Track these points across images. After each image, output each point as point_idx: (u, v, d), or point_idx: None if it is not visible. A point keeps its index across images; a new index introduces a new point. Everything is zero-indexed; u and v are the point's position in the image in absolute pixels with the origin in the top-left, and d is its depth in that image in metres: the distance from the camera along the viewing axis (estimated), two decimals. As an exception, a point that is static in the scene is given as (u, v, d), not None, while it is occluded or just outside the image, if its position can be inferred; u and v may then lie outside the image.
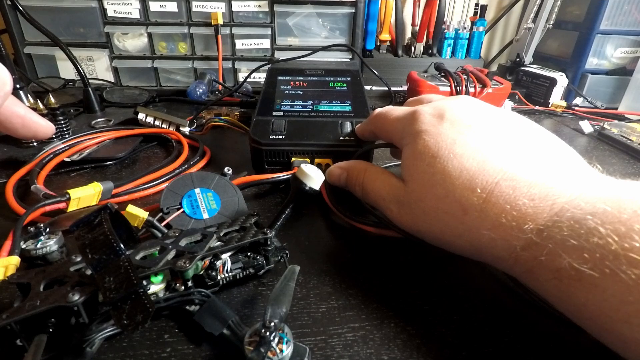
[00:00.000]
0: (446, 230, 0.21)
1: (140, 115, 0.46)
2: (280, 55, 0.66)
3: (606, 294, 0.15)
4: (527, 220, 0.18)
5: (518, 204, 0.18)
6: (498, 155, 0.20)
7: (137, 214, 0.23)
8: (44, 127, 0.24)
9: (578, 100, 0.67)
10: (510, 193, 0.19)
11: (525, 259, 0.18)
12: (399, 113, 0.27)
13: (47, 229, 0.24)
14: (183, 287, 0.20)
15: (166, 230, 0.24)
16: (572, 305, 0.17)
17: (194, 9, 0.62)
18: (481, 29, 0.77)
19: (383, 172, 0.27)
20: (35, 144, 0.41)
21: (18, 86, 0.47)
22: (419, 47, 0.78)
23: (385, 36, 0.76)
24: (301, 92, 0.41)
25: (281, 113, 0.37)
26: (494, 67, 0.89)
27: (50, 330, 0.17)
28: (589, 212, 0.16)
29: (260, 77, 0.66)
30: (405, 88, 0.63)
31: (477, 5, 0.81)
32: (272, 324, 0.16)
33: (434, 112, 0.23)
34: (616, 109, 0.65)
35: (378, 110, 0.29)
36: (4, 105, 0.22)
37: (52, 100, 0.43)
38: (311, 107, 0.38)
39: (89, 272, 0.19)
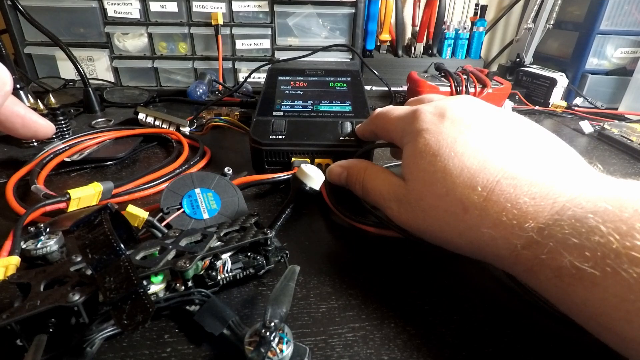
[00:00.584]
0: (446, 229, 0.21)
1: (141, 116, 0.46)
2: (280, 55, 0.66)
3: (607, 293, 0.15)
4: (527, 218, 0.18)
5: (519, 203, 0.18)
6: (499, 155, 0.20)
7: (137, 214, 0.23)
8: (44, 126, 0.24)
9: (578, 101, 0.67)
10: (511, 192, 0.19)
11: (526, 257, 0.18)
12: (400, 112, 0.27)
13: (48, 229, 0.24)
14: (183, 287, 0.20)
15: (166, 230, 0.24)
16: (573, 304, 0.17)
17: (194, 9, 0.62)
18: (481, 29, 0.77)
19: (383, 171, 0.27)
20: (35, 144, 0.41)
21: (18, 86, 0.47)
22: (419, 47, 0.78)
23: (386, 36, 0.76)
24: (301, 92, 0.41)
25: (281, 113, 0.37)
26: (494, 67, 0.89)
27: (51, 330, 0.17)
28: (590, 210, 0.16)
29: (260, 77, 0.66)
30: (405, 88, 0.63)
31: (477, 5, 0.81)
32: (272, 324, 0.16)
33: (435, 111, 0.23)
34: (616, 109, 0.65)
35: (378, 110, 0.30)
36: (4, 104, 0.22)
37: (52, 100, 0.43)
38: (311, 107, 0.38)
39: (89, 272, 0.19)
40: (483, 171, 0.20)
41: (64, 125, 0.42)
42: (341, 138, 0.34)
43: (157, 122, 0.46)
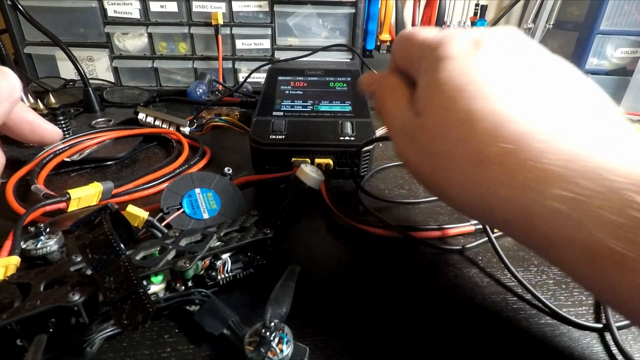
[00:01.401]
0: (454, 180, 0.18)
1: (141, 115, 0.46)
2: (280, 55, 0.66)
3: None
4: (551, 182, 0.15)
5: (543, 163, 0.15)
6: (534, 105, 0.17)
7: (138, 214, 0.23)
8: (52, 132, 0.24)
9: (578, 101, 0.67)
10: (537, 149, 0.16)
11: (546, 229, 0.15)
12: (427, 34, 0.21)
13: (48, 229, 0.24)
14: (183, 287, 0.20)
15: (166, 230, 0.24)
16: (613, 292, 0.14)
17: (194, 9, 0.62)
18: (481, 29, 0.77)
19: (405, 95, 0.22)
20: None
21: (18, 86, 0.47)
22: (419, 47, 0.78)
23: (386, 36, 0.76)
24: (301, 92, 0.41)
25: (281, 113, 0.37)
26: (494, 67, 0.89)
27: (51, 330, 0.17)
28: (626, 178, 0.13)
29: (260, 77, 0.66)
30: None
31: (477, 5, 0.81)
32: (272, 324, 0.16)
33: (470, 37, 0.19)
34: (616, 109, 0.65)
35: (403, 31, 0.24)
36: (13, 111, 0.22)
37: (52, 100, 0.43)
38: (311, 107, 0.38)
39: (89, 272, 0.19)
40: (511, 121, 0.16)
41: (64, 125, 0.42)
42: (341, 138, 0.34)
43: (157, 122, 0.46)
